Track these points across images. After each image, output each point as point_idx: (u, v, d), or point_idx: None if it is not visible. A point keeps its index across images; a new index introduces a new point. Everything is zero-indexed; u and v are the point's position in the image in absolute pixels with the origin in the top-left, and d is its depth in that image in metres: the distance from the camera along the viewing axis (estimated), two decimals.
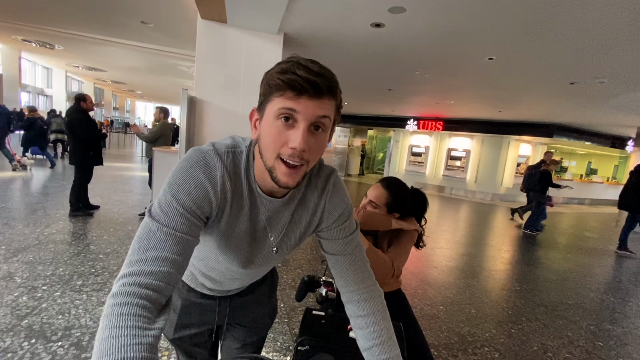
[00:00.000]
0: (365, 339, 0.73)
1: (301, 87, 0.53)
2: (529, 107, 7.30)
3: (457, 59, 4.30)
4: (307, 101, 0.54)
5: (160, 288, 0.51)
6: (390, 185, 1.33)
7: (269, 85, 0.56)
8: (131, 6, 4.24)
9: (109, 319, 0.46)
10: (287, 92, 0.54)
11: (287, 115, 0.55)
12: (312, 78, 0.53)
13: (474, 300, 3.01)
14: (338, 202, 0.74)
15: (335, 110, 0.59)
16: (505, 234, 6.12)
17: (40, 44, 9.05)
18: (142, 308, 0.48)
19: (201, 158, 0.60)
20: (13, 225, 3.46)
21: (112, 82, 16.83)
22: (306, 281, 1.26)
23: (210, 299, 0.90)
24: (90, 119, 4.12)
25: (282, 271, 3.12)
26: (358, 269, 0.77)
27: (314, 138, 0.57)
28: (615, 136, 11.06)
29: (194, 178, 0.58)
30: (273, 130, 0.56)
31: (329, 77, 0.55)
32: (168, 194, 0.57)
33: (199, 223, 0.59)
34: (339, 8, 3.02)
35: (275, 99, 0.55)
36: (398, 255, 1.31)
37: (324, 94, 0.55)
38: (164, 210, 0.55)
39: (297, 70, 0.53)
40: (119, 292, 0.48)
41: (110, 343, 0.43)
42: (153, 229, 0.54)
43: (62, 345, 1.77)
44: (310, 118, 0.55)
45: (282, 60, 0.57)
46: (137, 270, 0.50)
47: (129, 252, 0.53)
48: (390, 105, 9.64)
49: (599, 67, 3.98)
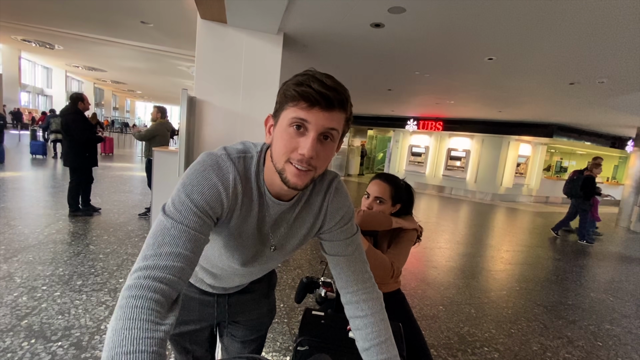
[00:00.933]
0: (364, 340, 0.74)
1: (314, 99, 0.57)
2: (529, 107, 7.30)
3: (457, 59, 4.30)
4: (318, 112, 0.58)
5: (173, 282, 0.53)
6: (389, 178, 1.38)
7: (285, 95, 0.60)
8: (131, 6, 4.25)
9: (123, 311, 0.48)
10: (301, 103, 0.58)
11: (298, 124, 0.59)
12: (324, 92, 0.57)
13: (474, 300, 3.01)
14: (340, 204, 0.77)
15: (345, 122, 0.64)
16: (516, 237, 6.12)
17: (40, 44, 9.06)
18: (156, 302, 0.50)
19: (214, 162, 0.64)
20: (13, 225, 3.46)
21: (112, 82, 16.84)
22: (305, 283, 1.26)
23: (209, 296, 0.92)
24: (87, 119, 4.04)
25: (282, 271, 3.13)
26: (358, 270, 0.79)
27: (323, 147, 0.61)
28: (615, 136, 11.06)
29: (207, 180, 0.62)
30: (285, 137, 0.60)
31: (341, 91, 0.60)
32: (182, 193, 0.60)
33: (210, 222, 0.62)
34: (339, 8, 3.02)
35: (289, 108, 0.59)
36: (397, 255, 1.31)
37: (335, 107, 0.59)
38: (178, 209, 0.58)
39: (312, 84, 0.57)
40: (135, 284, 0.50)
41: (123, 335, 0.45)
42: (168, 226, 0.57)
43: (62, 345, 1.77)
44: (320, 128, 0.59)
45: (299, 72, 0.61)
46: (152, 264, 0.53)
47: (144, 246, 0.56)
48: (390, 105, 9.64)
49: (599, 67, 3.98)
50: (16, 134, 13.01)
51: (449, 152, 11.59)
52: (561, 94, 5.64)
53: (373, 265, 1.24)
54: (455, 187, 11.57)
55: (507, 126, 9.98)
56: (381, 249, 1.39)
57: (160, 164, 4.04)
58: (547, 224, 7.05)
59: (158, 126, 4.60)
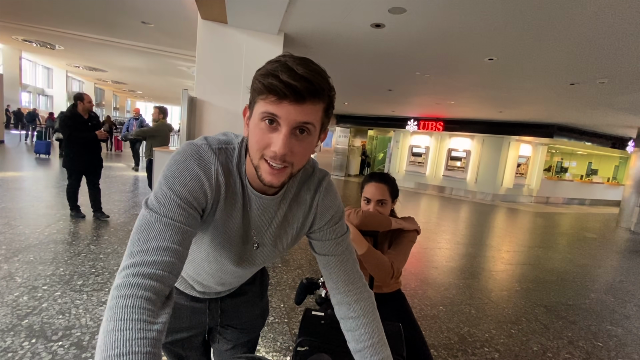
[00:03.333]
0: (356, 341, 0.73)
1: (282, 92, 0.52)
2: (530, 107, 7.30)
3: (457, 60, 4.30)
4: (288, 106, 0.53)
5: (164, 278, 0.51)
6: (383, 178, 1.37)
7: (254, 86, 0.56)
8: (132, 6, 4.25)
9: (113, 311, 0.46)
10: (269, 96, 0.53)
11: (270, 119, 0.55)
12: (293, 83, 0.51)
13: (474, 300, 3.01)
14: (330, 204, 0.76)
15: (323, 113, 0.58)
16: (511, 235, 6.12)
17: (40, 44, 9.07)
18: (147, 300, 0.48)
19: (195, 151, 0.61)
20: (14, 225, 3.46)
21: (113, 82, 16.84)
22: (305, 284, 1.26)
23: (200, 302, 0.89)
24: (79, 120, 3.77)
25: (282, 271, 3.13)
26: (349, 269, 0.77)
27: (298, 141, 0.57)
28: (615, 137, 11.05)
29: (189, 170, 0.59)
30: (258, 132, 0.57)
31: (315, 80, 0.53)
32: (164, 186, 0.57)
33: (195, 214, 0.59)
34: (339, 8, 3.03)
35: (260, 101, 0.56)
36: (398, 256, 1.31)
37: (306, 99, 0.53)
38: (161, 202, 0.56)
39: (280, 74, 0.51)
40: (123, 283, 0.48)
41: (115, 336, 0.43)
42: (152, 221, 0.54)
43: (63, 345, 1.78)
44: (293, 123, 0.54)
45: (273, 58, 0.56)
46: (140, 261, 0.51)
47: (129, 244, 0.53)
48: (391, 106, 9.64)
49: (599, 67, 3.98)
50: (18, 133, 13.03)
51: (450, 152, 11.59)
52: (562, 95, 5.64)
53: (373, 266, 1.25)
54: (455, 188, 11.56)
55: (508, 126, 9.98)
56: (382, 249, 1.39)
57: (161, 164, 4.05)
58: (547, 225, 7.04)
59: (160, 126, 4.60)
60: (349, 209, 1.37)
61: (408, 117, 11.66)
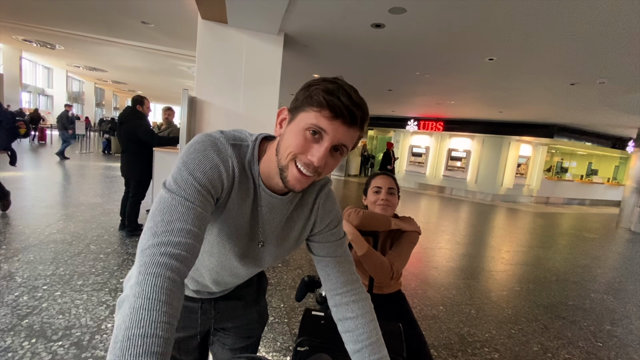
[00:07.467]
0: (354, 342, 0.74)
1: (339, 112, 0.57)
2: (530, 107, 7.30)
3: (457, 60, 4.30)
4: (339, 126, 0.59)
5: (186, 259, 0.54)
6: (387, 173, 1.49)
7: (311, 97, 0.59)
8: (132, 6, 4.25)
9: (142, 288, 0.48)
10: (325, 112, 0.58)
11: (316, 130, 0.59)
12: (352, 107, 0.58)
13: (474, 300, 3.01)
14: (330, 208, 0.80)
15: (357, 139, 0.65)
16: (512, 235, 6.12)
17: (40, 44, 9.07)
18: (172, 282, 0.50)
19: (213, 143, 0.64)
20: (14, 225, 3.46)
21: (113, 82, 16.85)
22: (306, 281, 1.26)
23: (193, 302, 0.88)
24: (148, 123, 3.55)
25: (282, 271, 3.13)
26: (346, 271, 0.80)
27: (331, 158, 0.62)
28: (615, 137, 11.05)
29: (208, 159, 0.61)
30: (299, 137, 0.60)
31: (365, 110, 0.61)
32: (184, 171, 0.59)
33: (211, 201, 0.62)
34: (339, 9, 3.03)
35: (311, 112, 0.59)
36: (398, 257, 1.31)
37: (357, 124, 0.60)
38: (182, 187, 0.58)
39: (341, 96, 0.57)
40: (152, 262, 0.50)
41: (142, 315, 0.45)
42: (174, 203, 0.56)
43: (63, 345, 1.78)
44: (335, 141, 0.60)
45: (327, 78, 0.61)
46: (166, 241, 0.53)
47: (151, 224, 0.55)
48: (391, 106, 9.64)
49: (599, 67, 3.98)
50: None
51: (450, 152, 11.59)
52: (562, 95, 5.65)
53: (372, 267, 1.25)
54: (455, 188, 11.56)
55: (508, 126, 9.98)
56: (382, 250, 1.39)
57: (161, 164, 4.05)
58: (547, 225, 7.04)
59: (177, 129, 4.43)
60: (349, 208, 1.37)
61: (408, 117, 11.66)
